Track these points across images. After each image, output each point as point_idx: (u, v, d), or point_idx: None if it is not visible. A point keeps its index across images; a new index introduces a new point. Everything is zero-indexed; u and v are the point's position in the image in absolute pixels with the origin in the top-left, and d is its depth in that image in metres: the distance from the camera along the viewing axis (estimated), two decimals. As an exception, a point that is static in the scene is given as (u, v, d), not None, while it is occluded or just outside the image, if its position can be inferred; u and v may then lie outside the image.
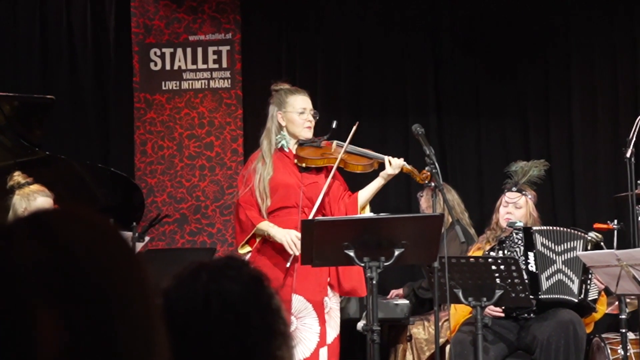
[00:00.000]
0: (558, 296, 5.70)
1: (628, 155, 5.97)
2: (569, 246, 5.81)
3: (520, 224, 5.85)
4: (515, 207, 5.99)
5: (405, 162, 5.38)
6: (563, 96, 8.27)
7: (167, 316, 1.91)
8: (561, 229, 5.93)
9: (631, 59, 8.20)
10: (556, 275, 5.74)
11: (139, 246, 6.18)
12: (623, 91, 8.18)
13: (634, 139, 6.02)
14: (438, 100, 8.38)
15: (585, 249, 5.80)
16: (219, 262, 1.99)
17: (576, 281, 5.74)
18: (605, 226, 6.88)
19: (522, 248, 5.80)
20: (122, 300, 1.05)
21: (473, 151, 8.31)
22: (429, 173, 5.24)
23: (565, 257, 5.78)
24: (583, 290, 5.75)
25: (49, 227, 1.03)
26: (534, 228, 5.84)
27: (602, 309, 5.97)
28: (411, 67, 8.42)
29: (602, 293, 5.91)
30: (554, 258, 5.77)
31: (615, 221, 6.83)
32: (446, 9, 8.41)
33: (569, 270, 5.75)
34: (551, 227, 5.96)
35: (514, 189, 6.06)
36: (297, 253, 5.11)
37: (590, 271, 5.74)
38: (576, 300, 5.73)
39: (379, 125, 8.36)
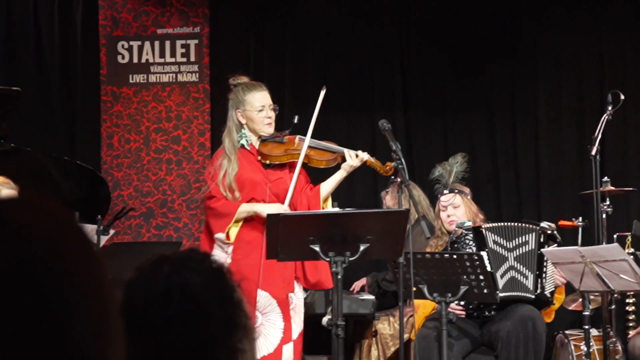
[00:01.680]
0: (514, 293, 5.71)
1: (593, 153, 6.00)
2: (521, 241, 5.81)
3: (469, 224, 5.84)
4: (453, 208, 6.00)
5: (369, 156, 5.38)
6: (529, 93, 8.31)
7: (127, 307, 1.91)
8: (511, 224, 5.92)
9: (597, 57, 8.25)
10: (509, 273, 5.74)
11: (104, 239, 6.15)
12: (589, 89, 8.22)
13: (599, 137, 6.06)
14: (405, 95, 8.40)
15: (539, 242, 5.80)
16: (181, 254, 1.98)
17: (530, 277, 5.75)
18: (570, 223, 6.92)
19: (474, 248, 5.79)
20: (78, 289, 1.05)
21: (439, 147, 8.33)
22: (392, 165, 5.24)
23: (518, 253, 5.78)
24: (538, 285, 5.76)
25: (2, 215, 1.03)
26: (484, 226, 5.84)
27: (560, 297, 5.99)
28: (379, 62, 8.43)
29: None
30: (506, 255, 5.78)
31: (580, 218, 6.88)
32: (414, 5, 8.42)
33: (521, 267, 5.75)
34: (502, 223, 5.95)
35: (445, 191, 6.06)
36: None
37: (545, 264, 5.76)
38: (533, 297, 5.74)
39: (346, 121, 8.37)
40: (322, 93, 5.40)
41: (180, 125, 8.42)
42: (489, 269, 5.68)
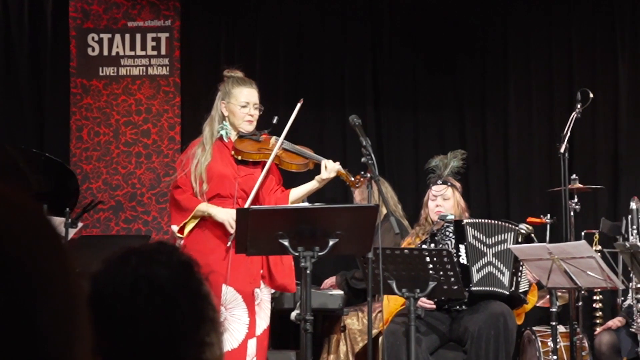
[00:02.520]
0: (489, 288, 5.76)
1: (562, 150, 6.04)
2: (500, 239, 5.86)
3: (451, 217, 5.89)
4: (443, 199, 6.04)
5: (340, 166, 5.38)
6: (499, 91, 8.35)
7: (95, 300, 1.90)
8: (492, 221, 5.97)
9: (567, 55, 8.29)
10: (487, 268, 5.78)
11: (72, 232, 6.12)
12: (558, 87, 8.27)
13: (568, 134, 6.10)
14: (376, 92, 8.41)
15: (517, 242, 5.85)
16: (149, 247, 1.97)
17: (507, 273, 5.79)
18: (538, 220, 6.96)
19: (453, 241, 5.83)
20: (44, 282, 1.04)
21: (410, 144, 8.35)
22: (362, 179, 5.25)
23: (496, 250, 5.83)
24: (514, 283, 5.80)
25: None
26: (465, 221, 5.88)
27: (533, 299, 6.04)
28: (350, 58, 8.44)
29: (534, 284, 5.97)
30: (485, 250, 5.82)
31: (548, 215, 6.92)
32: (386, 1, 8.43)
33: (499, 263, 5.80)
34: (483, 220, 6.00)
35: (439, 181, 6.10)
36: None
37: (522, 263, 5.80)
38: (507, 293, 5.78)
39: (317, 116, 8.36)
40: (298, 105, 5.41)
41: (150, 118, 8.39)
42: (465, 262, 5.72)
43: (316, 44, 8.42)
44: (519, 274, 5.82)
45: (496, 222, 5.96)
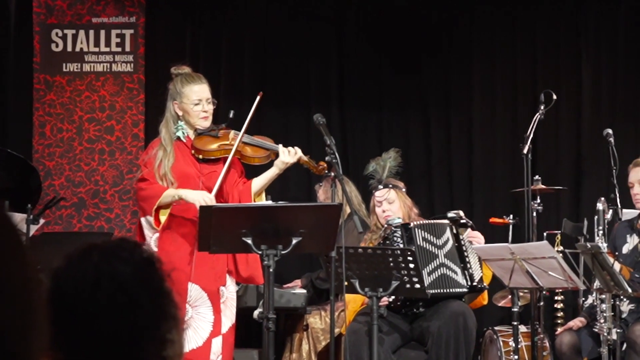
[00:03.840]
0: (446, 290, 5.73)
1: (525, 151, 6.07)
2: (446, 237, 5.84)
3: (398, 221, 5.84)
4: (388, 203, 6.00)
5: (302, 153, 5.36)
6: (464, 92, 8.38)
7: (55, 296, 1.88)
8: (434, 221, 5.93)
9: (531, 57, 8.34)
10: (439, 270, 5.75)
11: (34, 229, 6.08)
12: (522, 88, 8.31)
13: (531, 135, 6.13)
14: (341, 91, 8.41)
15: (453, 234, 5.82)
16: (111, 243, 1.96)
17: (459, 271, 5.78)
18: (501, 221, 7.00)
19: (402, 245, 5.78)
20: (2, 277, 1.03)
21: (374, 143, 8.35)
22: (325, 165, 5.24)
23: (446, 250, 5.81)
24: (467, 277, 5.79)
25: None
26: (413, 223, 5.84)
27: (489, 273, 5.96)
28: (315, 57, 8.44)
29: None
30: (436, 252, 5.79)
31: (511, 216, 6.96)
32: (351, 1, 8.44)
33: (450, 263, 5.78)
34: (429, 221, 5.96)
35: (380, 186, 6.06)
36: None
37: (466, 253, 5.79)
38: (466, 290, 5.78)
39: (282, 114, 8.36)
40: (258, 98, 5.37)
41: (114, 115, 8.36)
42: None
43: (282, 42, 8.42)
44: (469, 265, 5.80)
45: (435, 221, 5.92)
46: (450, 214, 5.88)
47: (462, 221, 5.86)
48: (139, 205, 5.42)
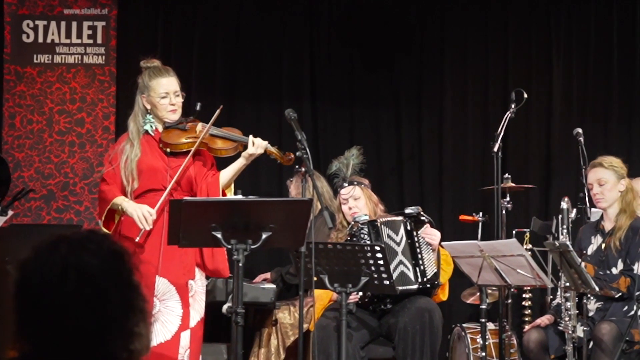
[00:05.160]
0: (403, 287, 5.73)
1: (495, 149, 6.09)
2: (401, 233, 5.85)
3: (365, 218, 5.85)
4: (354, 200, 6.02)
5: (268, 144, 5.36)
6: (435, 89, 8.39)
7: (22, 287, 1.88)
8: (391, 218, 5.93)
9: (502, 56, 8.37)
10: (399, 267, 5.77)
11: (2, 220, 6.05)
12: (493, 86, 8.34)
13: (502, 134, 6.15)
14: (313, 86, 8.41)
15: (407, 230, 5.83)
16: (80, 235, 1.96)
17: (410, 268, 5.79)
18: (470, 218, 7.02)
19: (369, 242, 5.78)
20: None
21: (346, 139, 8.36)
22: (293, 156, 5.25)
23: (402, 247, 5.82)
24: (419, 273, 5.79)
25: None
26: (379, 220, 5.85)
27: (449, 268, 5.97)
28: (288, 52, 8.43)
29: (445, 252, 5.88)
30: (396, 249, 5.82)
31: (481, 214, 6.99)
32: (325, -3, 8.45)
33: (405, 259, 5.79)
34: (391, 218, 5.96)
35: (345, 184, 6.07)
36: (148, 228, 5.10)
37: (419, 249, 5.80)
38: (415, 287, 5.77)
39: (253, 109, 8.35)
40: (217, 112, 5.34)
41: (85, 107, 8.32)
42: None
43: (254, 37, 8.40)
44: (420, 262, 5.81)
45: (392, 218, 5.92)
46: (409, 210, 5.89)
47: (421, 218, 5.87)
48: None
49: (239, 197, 5.17)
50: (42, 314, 1.84)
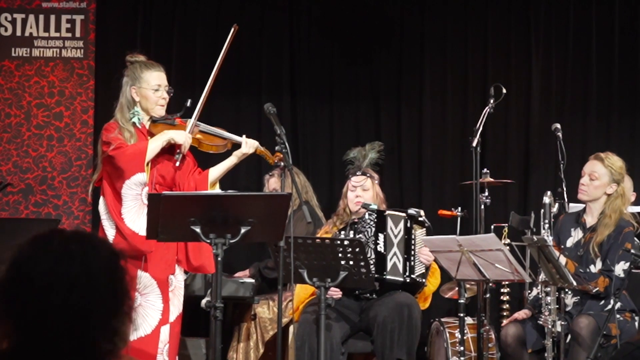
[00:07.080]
0: (391, 277, 5.78)
1: (474, 144, 6.11)
2: (399, 228, 5.90)
3: (375, 206, 5.93)
4: (362, 190, 6.08)
5: (259, 144, 5.40)
6: (415, 84, 8.41)
7: (11, 286, 1.88)
8: (394, 212, 5.99)
9: (482, 51, 8.39)
10: (393, 258, 5.83)
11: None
12: (472, 81, 8.36)
13: (481, 129, 6.17)
14: (292, 81, 8.41)
15: (405, 226, 5.87)
16: (74, 236, 1.97)
17: (402, 260, 5.83)
18: (449, 213, 7.04)
19: (373, 229, 5.86)
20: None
21: (325, 134, 8.37)
22: (281, 156, 5.26)
23: (398, 239, 5.87)
24: (407, 268, 5.83)
25: None
26: (388, 212, 5.92)
27: (435, 282, 6.05)
28: (267, 46, 8.42)
29: (435, 266, 5.98)
30: (394, 241, 5.86)
31: (459, 208, 7.01)
32: (305, -9, 8.44)
33: (399, 252, 5.84)
34: (397, 212, 6.02)
35: (358, 172, 6.13)
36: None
37: (413, 247, 5.84)
38: (401, 279, 5.81)
39: (233, 103, 8.34)
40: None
41: (63, 101, 8.29)
42: (382, 250, 5.76)
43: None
44: (412, 259, 5.85)
45: (395, 212, 5.98)
46: (411, 211, 5.94)
47: (420, 219, 5.92)
48: (120, 169, 5.19)
49: (218, 191, 5.17)
50: (31, 310, 1.84)
